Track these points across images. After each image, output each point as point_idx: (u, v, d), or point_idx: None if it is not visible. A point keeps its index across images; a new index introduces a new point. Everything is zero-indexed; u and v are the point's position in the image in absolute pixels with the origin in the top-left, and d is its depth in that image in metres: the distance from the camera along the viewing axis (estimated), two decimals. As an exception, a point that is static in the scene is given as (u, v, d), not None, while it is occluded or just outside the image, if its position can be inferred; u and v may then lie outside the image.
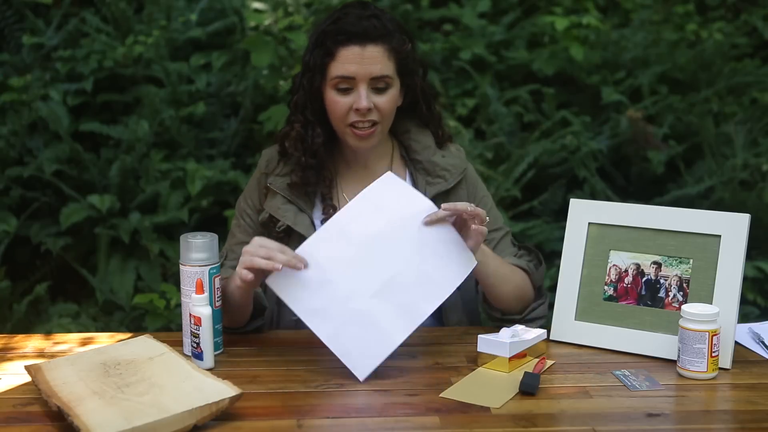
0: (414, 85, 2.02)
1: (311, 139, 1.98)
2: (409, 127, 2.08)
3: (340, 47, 1.92)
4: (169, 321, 3.42)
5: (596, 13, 4.82)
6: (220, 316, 1.83)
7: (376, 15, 1.95)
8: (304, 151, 1.98)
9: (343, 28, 1.92)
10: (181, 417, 1.47)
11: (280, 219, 1.99)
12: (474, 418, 1.55)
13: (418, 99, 2.04)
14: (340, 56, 1.92)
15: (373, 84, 1.93)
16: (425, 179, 2.04)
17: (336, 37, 1.92)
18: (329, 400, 1.62)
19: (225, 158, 4.04)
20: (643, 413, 1.57)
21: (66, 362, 1.68)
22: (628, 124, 4.25)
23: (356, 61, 1.91)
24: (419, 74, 2.03)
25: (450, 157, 2.07)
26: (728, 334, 1.74)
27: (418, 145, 2.07)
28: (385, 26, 1.94)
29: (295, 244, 1.97)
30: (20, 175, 3.86)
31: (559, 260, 1.96)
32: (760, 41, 5.01)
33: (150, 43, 4.18)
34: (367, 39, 1.92)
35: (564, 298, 1.92)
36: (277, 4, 4.15)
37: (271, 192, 2.02)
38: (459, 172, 2.06)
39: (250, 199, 2.07)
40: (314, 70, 1.95)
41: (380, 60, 1.93)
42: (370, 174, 2.05)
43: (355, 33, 1.91)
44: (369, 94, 1.93)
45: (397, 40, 1.96)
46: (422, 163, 2.05)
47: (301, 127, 1.98)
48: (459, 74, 4.50)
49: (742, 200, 3.87)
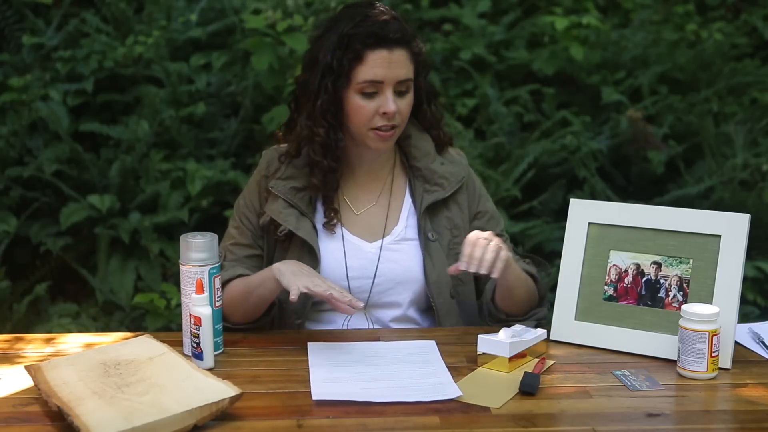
0: (420, 86, 2.01)
1: (335, 143, 1.96)
2: (410, 133, 2.06)
3: (369, 51, 1.89)
4: (169, 321, 3.42)
5: (596, 13, 4.82)
6: (220, 316, 1.83)
7: (396, 17, 1.94)
8: (325, 154, 1.96)
9: (373, 31, 1.89)
10: (181, 417, 1.47)
11: (282, 223, 1.97)
12: (474, 418, 1.55)
13: (422, 100, 2.04)
14: (369, 60, 1.89)
15: (397, 87, 1.92)
16: (423, 186, 2.03)
17: (365, 40, 1.89)
18: (329, 400, 1.62)
19: (225, 158, 4.04)
20: (643, 413, 1.57)
21: (66, 362, 1.67)
22: (628, 124, 4.25)
23: (384, 65, 1.89)
24: (423, 75, 2.03)
25: (449, 164, 2.06)
26: (728, 334, 1.74)
27: (417, 152, 2.05)
28: (406, 29, 1.93)
29: (296, 248, 1.98)
30: (20, 175, 3.86)
31: (559, 260, 1.96)
32: (760, 41, 5.02)
33: (150, 43, 4.18)
34: (394, 43, 1.90)
35: (564, 298, 1.92)
36: (277, 4, 4.15)
37: (272, 195, 2.00)
38: (457, 181, 2.05)
39: (250, 201, 2.06)
40: (339, 73, 1.91)
41: (405, 64, 1.92)
42: (374, 179, 2.05)
43: (384, 37, 1.89)
44: (394, 97, 1.92)
45: (416, 43, 1.96)
46: (421, 171, 2.04)
47: (324, 132, 1.95)
48: (459, 74, 4.51)
49: (742, 200, 3.87)
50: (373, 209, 2.04)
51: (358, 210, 2.04)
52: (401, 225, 2.03)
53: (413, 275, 2.01)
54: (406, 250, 2.01)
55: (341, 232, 2.01)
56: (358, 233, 2.02)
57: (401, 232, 2.03)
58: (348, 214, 2.03)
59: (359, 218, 2.04)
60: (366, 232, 2.02)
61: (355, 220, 2.03)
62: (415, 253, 2.02)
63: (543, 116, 4.41)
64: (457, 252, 1.98)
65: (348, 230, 2.02)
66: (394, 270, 2.00)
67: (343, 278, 1.99)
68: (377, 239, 2.02)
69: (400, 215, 2.04)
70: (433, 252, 2.01)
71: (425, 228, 2.02)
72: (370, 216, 2.04)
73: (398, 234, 2.03)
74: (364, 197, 2.05)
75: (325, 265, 1.98)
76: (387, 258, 2.01)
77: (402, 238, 2.02)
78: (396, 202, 2.05)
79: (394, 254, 2.01)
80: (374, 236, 2.02)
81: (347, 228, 2.02)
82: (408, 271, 2.01)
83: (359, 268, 2.00)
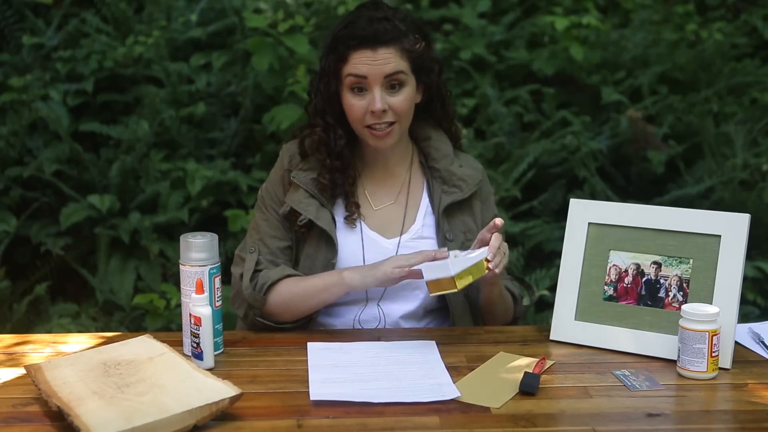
0: (430, 83, 2.02)
1: (334, 141, 1.99)
2: (430, 134, 2.09)
3: (352, 51, 1.92)
4: (169, 321, 3.42)
5: (596, 13, 4.83)
6: (220, 316, 1.83)
7: (388, 17, 1.94)
8: (328, 153, 2.00)
9: (354, 33, 1.92)
10: (181, 417, 1.47)
11: (302, 212, 1.99)
12: (474, 418, 1.55)
13: (433, 97, 2.05)
14: (352, 60, 1.92)
15: (387, 83, 1.93)
16: (441, 188, 2.05)
17: (348, 42, 1.92)
18: (329, 400, 1.62)
19: (225, 158, 4.05)
20: (643, 413, 1.57)
21: (66, 362, 1.67)
22: (628, 124, 4.26)
23: (367, 62, 1.91)
24: (435, 71, 2.03)
25: (467, 167, 2.09)
26: (728, 334, 1.74)
27: (437, 153, 2.08)
28: (396, 28, 1.93)
29: (314, 238, 2.01)
30: (20, 175, 3.86)
31: (559, 260, 1.96)
32: (760, 41, 5.02)
33: (150, 44, 4.18)
34: (377, 42, 1.91)
35: (564, 298, 1.92)
36: (278, 4, 4.15)
37: (293, 185, 2.03)
38: (475, 183, 2.07)
39: (275, 194, 2.06)
40: (330, 75, 1.96)
41: (392, 59, 1.92)
42: (391, 176, 2.07)
43: (366, 37, 1.91)
44: (383, 95, 1.93)
45: (409, 40, 1.95)
46: (440, 172, 2.06)
47: (322, 131, 1.99)
48: (459, 74, 4.51)
49: (742, 200, 3.87)
50: (391, 206, 2.06)
51: (376, 206, 2.06)
52: (418, 223, 2.05)
53: None
54: (422, 247, 2.02)
55: (360, 226, 2.03)
56: (377, 228, 2.04)
57: (418, 230, 2.05)
58: (367, 208, 2.05)
59: (377, 214, 2.05)
60: (384, 228, 2.04)
61: (373, 215, 2.05)
62: None
63: (543, 116, 4.41)
64: None
65: (366, 225, 2.04)
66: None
67: None
68: (395, 236, 2.04)
69: (417, 214, 2.06)
70: None
71: (443, 228, 2.03)
72: (388, 212, 2.06)
73: (415, 232, 2.04)
74: (383, 193, 2.07)
75: (342, 257, 2.00)
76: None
77: (419, 236, 2.04)
78: (413, 200, 2.07)
79: (410, 251, 2.02)
80: (392, 233, 2.04)
81: (366, 222, 2.04)
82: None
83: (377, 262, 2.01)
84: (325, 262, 1.99)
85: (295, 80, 3.88)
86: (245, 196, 3.85)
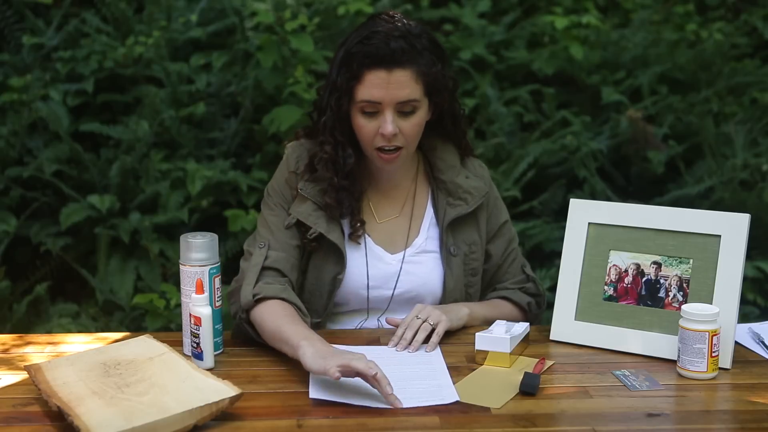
0: (442, 101, 1.96)
1: (343, 159, 1.94)
2: (436, 144, 2.05)
3: (366, 71, 1.86)
4: (169, 321, 3.42)
5: (596, 12, 4.83)
6: (220, 316, 1.83)
7: (405, 35, 1.87)
8: (336, 172, 1.95)
9: (369, 51, 1.85)
10: (181, 417, 1.47)
11: (312, 226, 1.95)
12: (474, 418, 1.55)
13: (444, 114, 2.00)
14: (366, 80, 1.86)
15: (399, 108, 1.88)
16: (446, 200, 2.02)
17: (362, 60, 1.85)
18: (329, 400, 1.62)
19: (225, 158, 4.04)
20: (643, 413, 1.57)
21: (66, 362, 1.67)
22: (628, 124, 4.25)
23: (382, 86, 1.85)
24: (449, 89, 1.97)
25: (473, 178, 2.05)
26: (728, 334, 1.74)
27: (443, 164, 2.04)
28: (413, 47, 1.87)
29: (322, 252, 1.96)
30: (20, 175, 3.86)
31: (559, 260, 1.96)
32: (760, 41, 5.02)
33: (150, 44, 4.18)
34: (393, 63, 1.85)
35: (564, 298, 1.92)
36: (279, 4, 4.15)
37: (300, 196, 1.98)
38: (481, 196, 2.04)
39: (282, 193, 2.01)
40: (341, 91, 1.90)
41: (407, 84, 1.87)
42: (395, 187, 2.04)
43: (382, 57, 1.84)
44: (395, 118, 1.88)
45: (425, 61, 1.88)
46: (446, 183, 2.03)
47: (331, 149, 1.94)
48: (459, 74, 4.50)
49: (742, 200, 3.87)
50: (395, 220, 2.04)
51: (380, 218, 2.03)
52: (422, 237, 2.03)
53: (431, 288, 2.02)
54: (425, 262, 2.02)
55: (364, 241, 2.01)
56: (381, 243, 2.01)
57: (422, 244, 2.03)
58: (371, 221, 2.02)
59: (381, 227, 2.03)
60: (388, 242, 2.02)
61: (377, 228, 2.02)
62: (434, 265, 2.02)
63: (543, 116, 4.41)
64: (473, 267, 2.05)
65: (371, 239, 2.01)
66: (413, 282, 2.01)
67: (363, 288, 2.00)
68: (399, 251, 2.02)
69: (421, 226, 2.04)
70: (453, 266, 2.02)
71: (447, 242, 2.01)
72: (392, 226, 2.03)
73: (419, 246, 2.02)
74: (387, 204, 2.04)
75: (347, 273, 1.98)
76: (407, 270, 2.01)
77: (422, 250, 2.02)
78: (418, 211, 2.05)
79: (414, 267, 2.01)
80: (396, 247, 2.02)
81: (370, 236, 2.01)
82: (426, 284, 2.02)
83: (380, 278, 2.00)
84: (333, 275, 1.97)
85: (296, 80, 3.88)
86: (245, 196, 3.84)
